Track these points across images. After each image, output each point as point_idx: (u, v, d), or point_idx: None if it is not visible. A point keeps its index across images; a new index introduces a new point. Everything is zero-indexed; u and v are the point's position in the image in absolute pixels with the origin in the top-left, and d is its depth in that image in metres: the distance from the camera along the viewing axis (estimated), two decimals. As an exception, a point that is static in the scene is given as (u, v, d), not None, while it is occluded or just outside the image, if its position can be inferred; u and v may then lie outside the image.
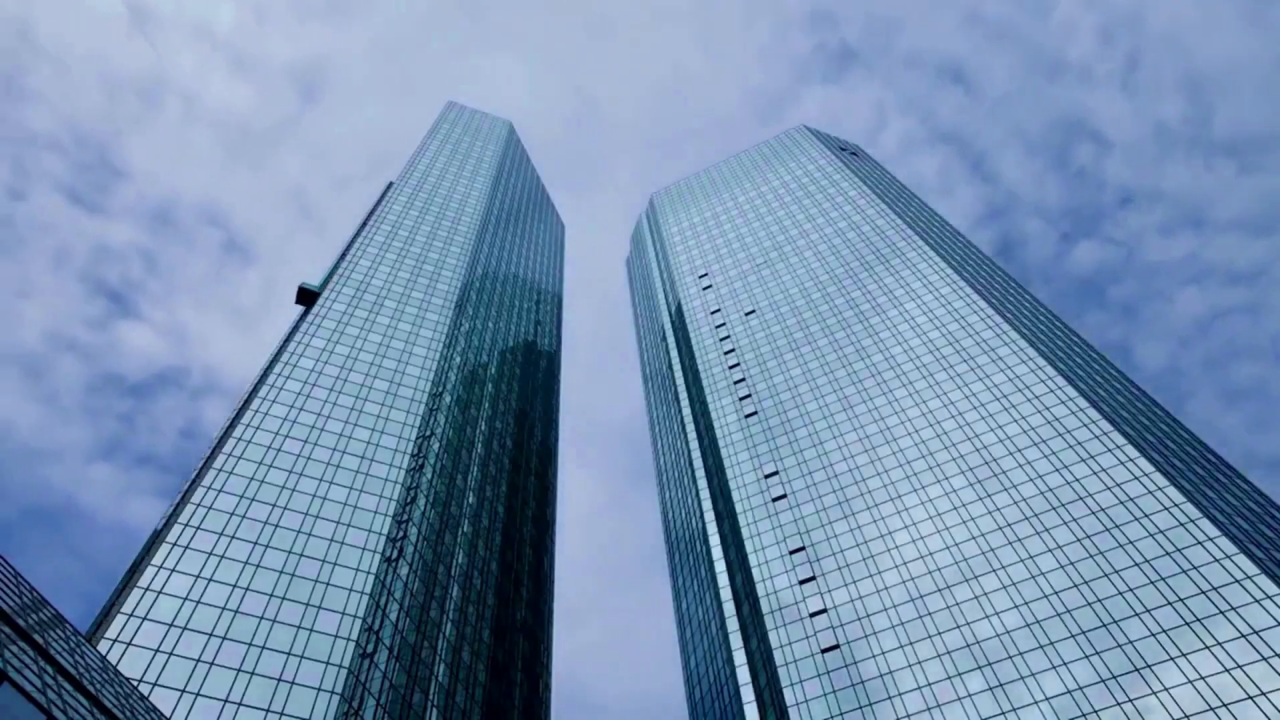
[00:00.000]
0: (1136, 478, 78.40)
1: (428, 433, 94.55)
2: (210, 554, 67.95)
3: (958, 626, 74.02)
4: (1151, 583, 69.38)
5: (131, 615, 60.50)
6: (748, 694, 79.65)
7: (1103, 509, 77.23)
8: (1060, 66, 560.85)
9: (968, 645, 72.20)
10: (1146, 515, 74.66)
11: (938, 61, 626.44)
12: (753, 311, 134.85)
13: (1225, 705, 59.20)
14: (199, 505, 72.10)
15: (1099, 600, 70.11)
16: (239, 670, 59.93)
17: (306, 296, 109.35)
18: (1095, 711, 62.92)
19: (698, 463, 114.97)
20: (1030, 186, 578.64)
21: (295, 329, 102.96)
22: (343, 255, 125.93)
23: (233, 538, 70.33)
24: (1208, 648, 63.13)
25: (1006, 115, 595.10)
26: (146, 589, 62.95)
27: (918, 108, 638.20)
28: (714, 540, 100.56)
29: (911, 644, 74.60)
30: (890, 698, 71.22)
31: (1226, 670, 61.18)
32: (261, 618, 64.49)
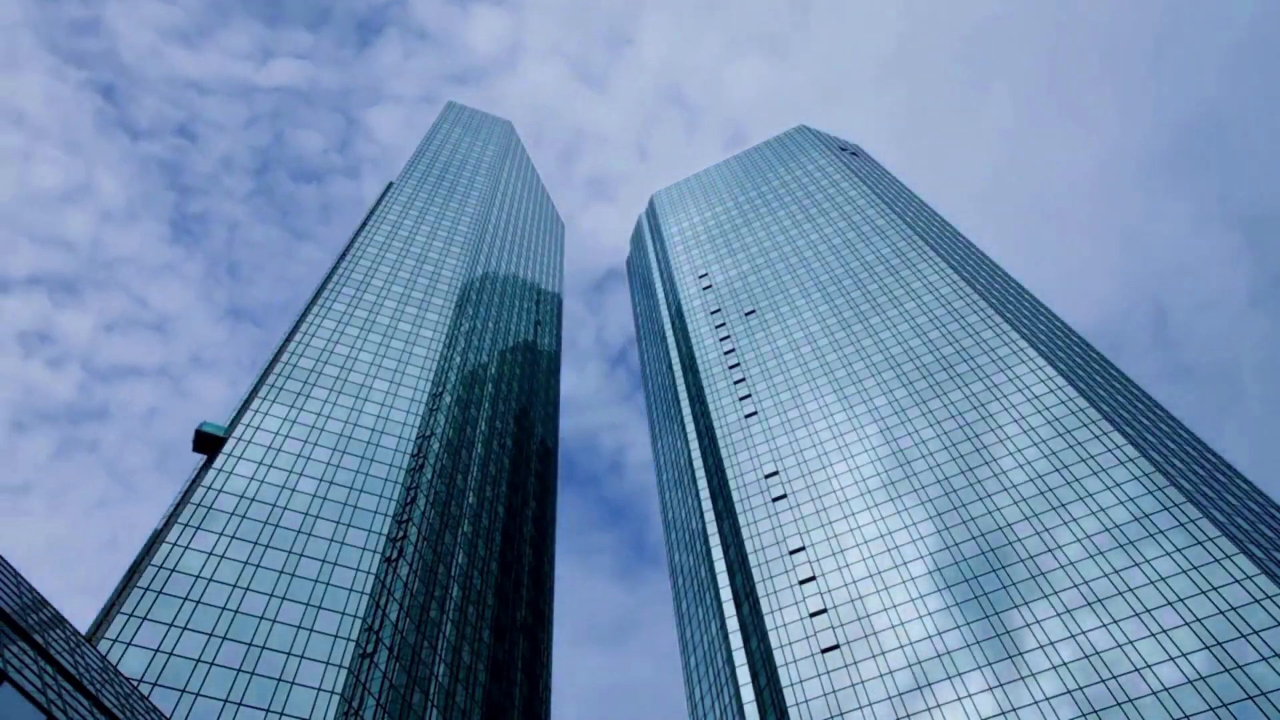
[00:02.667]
0: (1136, 478, 78.41)
1: (428, 433, 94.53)
2: (210, 554, 67.96)
3: (958, 626, 74.03)
4: (1151, 583, 69.40)
5: (131, 615, 60.51)
6: (748, 694, 79.65)
7: (1103, 509, 77.24)
8: None
9: (968, 645, 72.21)
10: (1146, 515, 74.67)
11: None
12: (753, 311, 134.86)
13: (1225, 705, 59.22)
14: (199, 505, 72.11)
15: (1099, 600, 70.12)
16: (239, 670, 59.94)
17: (206, 442, 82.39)
18: (1095, 712, 62.95)
19: (698, 463, 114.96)
20: None
21: (294, 331, 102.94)
22: (342, 255, 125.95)
23: (233, 538, 70.33)
24: (1207, 648, 63.15)
25: None
26: (146, 589, 62.96)
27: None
28: (714, 540, 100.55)
29: (912, 644, 74.60)
30: (890, 698, 71.23)
31: (1226, 670, 61.20)
32: (261, 618, 64.51)
